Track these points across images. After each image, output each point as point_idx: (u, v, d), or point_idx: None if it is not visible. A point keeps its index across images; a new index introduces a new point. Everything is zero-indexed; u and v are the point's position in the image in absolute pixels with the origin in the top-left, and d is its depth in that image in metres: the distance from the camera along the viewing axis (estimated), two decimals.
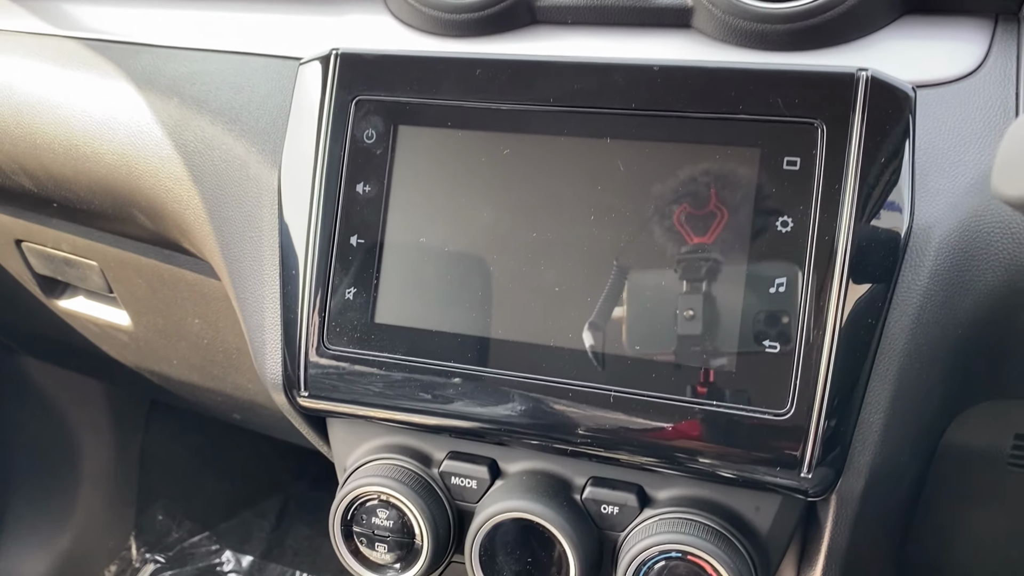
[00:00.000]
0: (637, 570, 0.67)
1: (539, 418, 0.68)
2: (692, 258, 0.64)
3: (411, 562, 0.73)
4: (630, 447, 0.66)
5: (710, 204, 0.64)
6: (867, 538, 0.69)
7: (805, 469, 0.62)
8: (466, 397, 0.70)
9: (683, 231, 0.64)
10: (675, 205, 0.64)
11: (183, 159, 0.83)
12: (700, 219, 0.64)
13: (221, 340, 1.09)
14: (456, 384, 0.70)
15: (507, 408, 0.69)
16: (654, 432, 0.65)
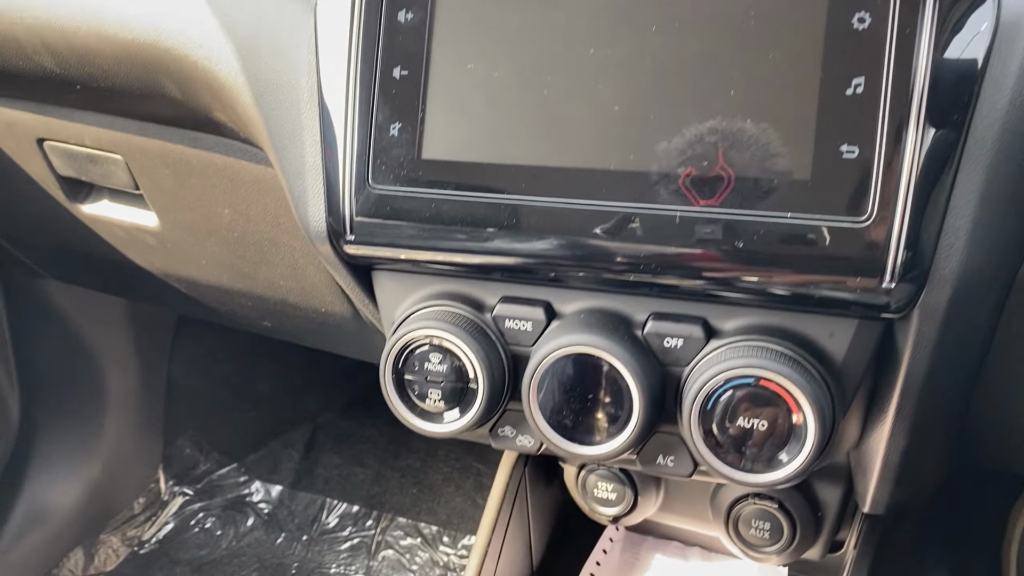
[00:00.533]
0: (705, 401, 0.64)
1: (599, 247, 0.65)
2: (763, 64, 0.60)
3: (466, 408, 0.70)
4: (698, 270, 0.63)
5: (785, 4, 0.60)
6: (947, 367, 0.66)
7: (888, 278, 0.59)
8: (521, 231, 0.66)
9: (755, 35, 0.60)
10: (746, 6, 0.60)
11: (213, 11, 0.79)
12: (774, 17, 0.60)
13: (252, 231, 1.06)
14: (510, 218, 0.66)
15: (565, 239, 0.65)
16: (725, 251, 0.62)
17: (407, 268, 0.74)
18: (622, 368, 0.65)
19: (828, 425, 0.62)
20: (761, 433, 0.63)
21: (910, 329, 0.63)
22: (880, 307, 0.61)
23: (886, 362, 0.68)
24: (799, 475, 0.63)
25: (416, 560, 1.72)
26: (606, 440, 0.67)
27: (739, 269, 0.62)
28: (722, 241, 0.62)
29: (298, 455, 1.92)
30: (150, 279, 1.30)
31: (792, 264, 0.60)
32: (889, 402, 0.70)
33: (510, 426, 0.74)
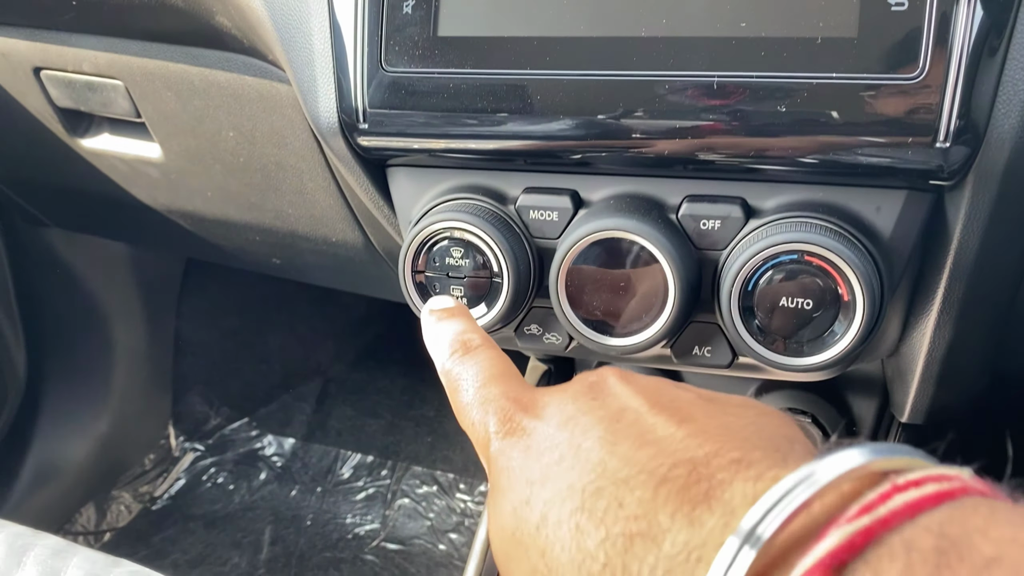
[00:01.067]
0: (745, 282, 0.60)
1: (629, 122, 0.61)
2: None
3: (491, 304, 0.67)
4: (736, 140, 0.59)
5: None
6: (999, 248, 0.62)
7: (942, 138, 0.55)
8: (545, 109, 0.62)
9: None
10: None
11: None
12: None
13: (258, 155, 1.02)
14: (534, 95, 0.62)
15: (592, 116, 0.62)
16: (766, 117, 0.58)
17: (424, 161, 0.70)
18: (656, 251, 0.61)
19: (877, 300, 0.58)
20: (806, 312, 0.59)
21: (963, 200, 0.59)
22: (932, 173, 0.57)
23: (935, 243, 0.64)
24: (847, 357, 0.59)
25: (433, 508, 1.69)
26: (640, 331, 0.64)
27: (781, 136, 0.58)
28: (763, 106, 0.58)
29: (310, 408, 1.89)
30: (154, 218, 1.27)
31: (838, 128, 0.57)
32: (936, 288, 0.66)
33: (536, 324, 0.70)
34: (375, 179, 0.73)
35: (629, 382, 0.43)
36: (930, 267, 0.66)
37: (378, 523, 1.69)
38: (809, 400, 0.93)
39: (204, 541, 1.71)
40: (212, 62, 0.95)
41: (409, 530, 1.67)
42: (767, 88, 0.57)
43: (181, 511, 1.78)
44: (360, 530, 1.68)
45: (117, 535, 1.73)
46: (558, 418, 0.42)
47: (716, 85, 0.58)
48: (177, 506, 1.79)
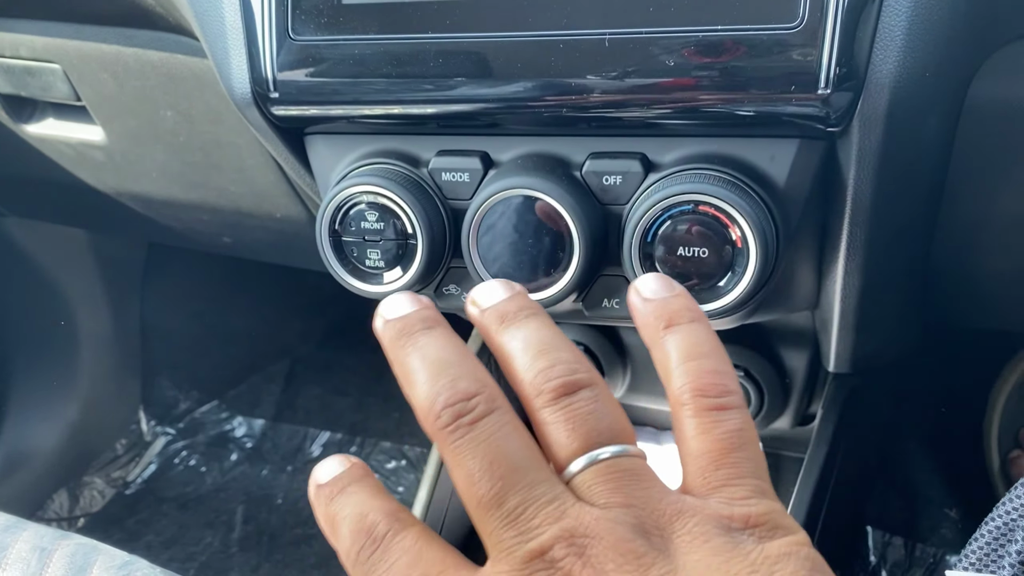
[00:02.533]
0: (644, 233, 0.62)
1: (530, 81, 0.62)
2: None
3: (406, 266, 0.69)
4: (629, 98, 0.61)
5: None
6: (894, 189, 0.64)
7: (823, 84, 0.57)
8: (449, 73, 0.64)
9: None
10: None
11: None
12: None
13: (197, 133, 1.03)
14: (436, 59, 0.64)
15: (494, 77, 0.63)
16: (654, 71, 0.59)
17: (339, 128, 0.71)
18: (560, 207, 0.63)
19: (771, 247, 0.60)
20: (702, 260, 0.61)
21: (851, 145, 0.61)
22: (816, 119, 0.59)
23: (833, 190, 0.66)
24: (742, 302, 0.62)
25: (402, 482, 1.72)
26: (550, 285, 0.66)
27: (670, 90, 0.60)
28: (652, 62, 0.59)
29: (278, 388, 1.91)
30: (105, 202, 1.28)
31: (724, 80, 0.58)
32: (839, 235, 0.68)
33: (454, 284, 0.72)
34: (293, 148, 0.75)
35: (600, 574, 0.34)
36: (832, 215, 0.68)
37: None
38: (743, 354, 0.95)
39: (177, 522, 1.73)
40: (144, 42, 0.96)
41: None
42: (655, 43, 0.59)
43: (154, 494, 1.80)
44: None
45: (91, 520, 1.75)
46: None
47: (608, 42, 0.60)
48: (150, 489, 1.81)
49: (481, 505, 0.37)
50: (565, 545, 0.35)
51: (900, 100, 0.58)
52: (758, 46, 0.57)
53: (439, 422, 0.39)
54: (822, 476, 0.85)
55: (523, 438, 0.38)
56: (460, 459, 0.38)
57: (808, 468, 0.85)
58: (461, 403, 0.39)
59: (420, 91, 0.65)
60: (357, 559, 0.38)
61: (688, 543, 0.35)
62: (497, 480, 0.37)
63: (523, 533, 0.35)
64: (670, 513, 0.36)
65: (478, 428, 0.38)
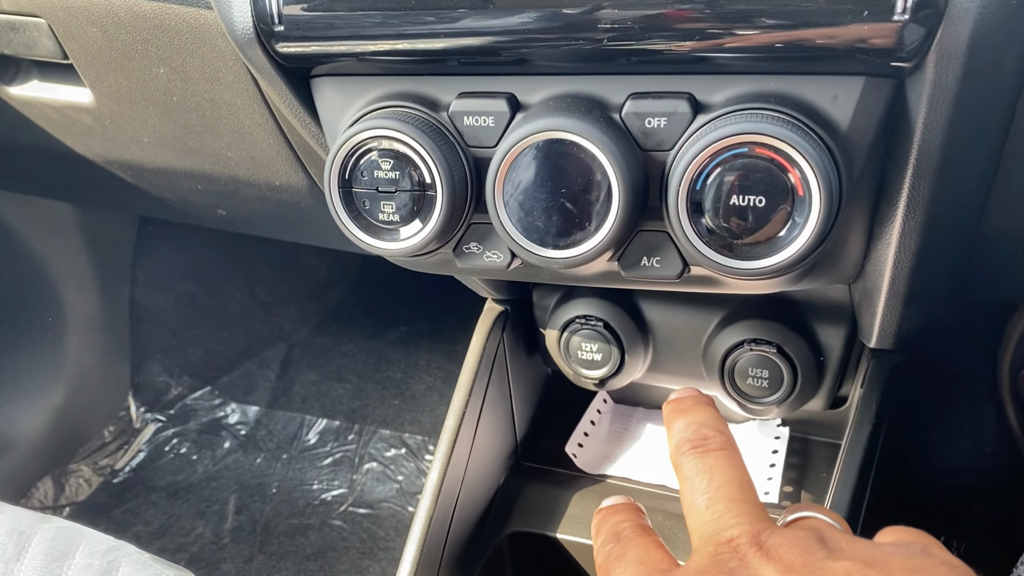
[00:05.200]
0: (693, 181, 0.56)
1: (568, 9, 0.56)
2: None
3: (424, 219, 0.62)
4: (680, 28, 0.54)
5: None
6: (963, 140, 0.58)
7: (899, 9, 0.51)
8: (471, 0, 0.57)
9: None
10: None
11: None
12: None
13: (191, 92, 0.97)
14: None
15: (522, 3, 0.57)
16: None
17: (348, 68, 0.65)
18: (598, 151, 0.57)
19: (836, 195, 0.54)
20: (759, 210, 0.55)
21: (924, 84, 0.54)
22: (890, 51, 0.52)
23: (896, 138, 0.59)
24: (803, 258, 0.55)
25: (402, 470, 1.65)
26: (584, 241, 0.59)
27: (726, 20, 0.53)
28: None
29: (274, 374, 1.84)
30: (94, 171, 1.21)
31: (786, 6, 0.52)
32: (900, 189, 0.62)
33: (476, 242, 0.65)
34: (299, 93, 0.68)
35: (771, 559, 0.41)
36: (892, 166, 0.62)
37: (345, 488, 1.65)
38: (775, 330, 0.89)
39: (167, 512, 1.67)
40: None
41: (377, 494, 1.62)
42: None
43: (143, 483, 1.73)
44: (327, 496, 1.64)
45: (76, 509, 1.68)
46: None
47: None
48: (139, 478, 1.74)
49: (693, 508, 0.46)
50: (748, 537, 0.43)
51: (984, 30, 0.51)
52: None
53: (680, 450, 0.49)
54: (864, 461, 0.79)
55: (743, 471, 0.47)
56: (687, 473, 0.48)
57: (851, 451, 0.79)
58: (700, 439, 0.49)
59: (437, 23, 0.59)
60: (602, 549, 0.49)
61: (857, 546, 0.42)
62: (711, 489, 0.46)
63: (719, 528, 0.44)
64: (850, 536, 0.43)
65: (709, 455, 0.48)
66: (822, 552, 0.41)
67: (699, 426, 0.51)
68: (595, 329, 0.95)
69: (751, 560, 0.41)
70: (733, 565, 0.41)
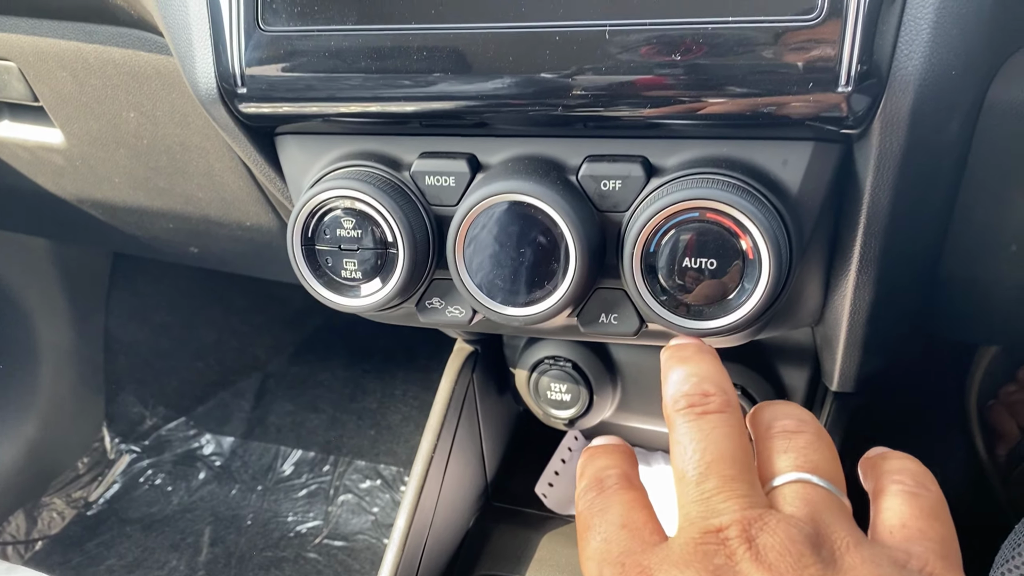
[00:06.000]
0: (647, 242, 0.57)
1: (524, 76, 0.57)
2: None
3: (386, 277, 0.63)
4: (633, 93, 0.56)
5: None
6: (910, 200, 0.59)
7: (843, 82, 0.52)
8: (435, 67, 0.59)
9: None
10: None
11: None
12: None
13: (162, 136, 0.97)
14: (421, 51, 0.59)
15: (484, 71, 0.58)
16: (662, 67, 0.54)
17: (312, 128, 0.66)
18: (555, 213, 0.58)
19: (785, 258, 0.55)
20: (710, 273, 0.56)
21: (870, 149, 0.56)
22: (836, 120, 0.54)
23: (847, 199, 0.61)
24: (754, 319, 0.56)
25: (377, 502, 1.65)
26: (543, 299, 0.60)
27: (678, 87, 0.55)
28: (658, 56, 0.54)
29: (249, 404, 1.84)
30: (65, 209, 1.21)
31: (737, 76, 0.54)
32: (852, 246, 0.63)
33: (438, 297, 0.66)
34: (263, 150, 0.69)
35: (761, 564, 0.38)
36: (844, 225, 0.63)
37: (320, 520, 1.64)
38: (740, 372, 0.90)
39: (141, 545, 1.66)
40: (106, 38, 0.90)
41: (352, 526, 1.62)
42: (662, 36, 0.54)
43: (117, 515, 1.72)
44: (302, 528, 1.64)
45: (49, 543, 1.67)
46: None
47: (608, 35, 0.55)
48: (113, 510, 1.73)
49: (683, 480, 0.43)
50: (739, 530, 0.39)
51: (925, 100, 0.53)
52: (772, 40, 0.52)
53: (676, 406, 0.46)
54: None
55: (741, 441, 0.44)
56: (679, 437, 0.45)
57: None
58: (699, 396, 0.46)
59: (401, 87, 0.60)
60: (584, 497, 0.47)
61: (857, 566, 0.39)
62: (703, 463, 0.43)
63: (709, 512, 0.41)
64: (849, 541, 0.40)
65: (705, 419, 0.45)
66: (816, 565, 0.38)
67: (700, 380, 0.47)
68: (564, 370, 0.96)
69: (739, 562, 0.39)
70: (719, 562, 0.39)
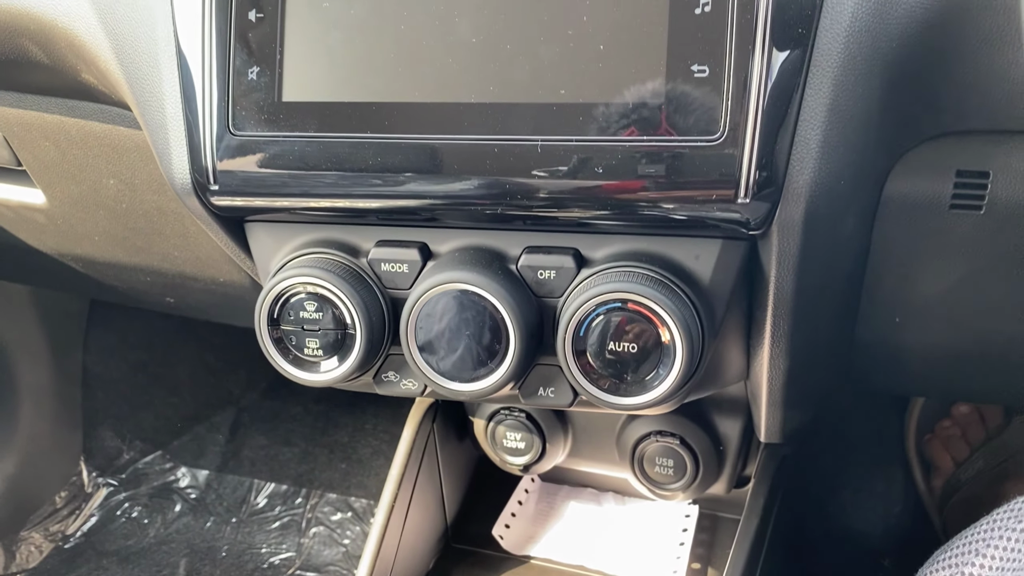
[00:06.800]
0: (578, 327, 0.64)
1: (466, 182, 0.64)
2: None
3: (344, 356, 0.70)
4: (562, 198, 0.63)
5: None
6: (814, 283, 0.67)
7: (743, 194, 0.60)
8: (386, 170, 0.66)
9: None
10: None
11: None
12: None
13: (140, 201, 1.03)
14: (376, 157, 0.66)
15: (431, 177, 0.65)
16: (587, 177, 0.62)
17: (279, 217, 0.72)
18: (497, 302, 0.65)
19: (696, 344, 0.63)
20: (632, 356, 0.63)
21: (772, 247, 0.64)
22: (739, 224, 0.61)
23: (757, 283, 0.69)
24: (670, 395, 0.64)
25: (347, 534, 1.71)
26: (487, 376, 0.67)
27: (600, 196, 0.62)
28: (583, 168, 0.62)
29: (223, 438, 1.89)
30: (46, 260, 1.27)
31: (651, 186, 0.61)
32: (764, 323, 0.71)
33: (393, 371, 0.73)
34: (234, 234, 0.76)
35: None
36: (756, 304, 0.71)
37: (293, 551, 1.70)
38: (679, 422, 0.97)
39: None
40: (88, 114, 0.96)
41: (324, 557, 1.68)
42: (584, 151, 0.61)
43: (95, 548, 1.76)
44: (275, 559, 1.69)
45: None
46: None
47: (540, 148, 0.62)
48: (90, 543, 1.78)
49: None
50: None
51: (818, 207, 0.61)
52: (682, 157, 0.60)
53: None
54: (754, 545, 0.87)
55: None
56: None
57: (740, 539, 0.88)
58: None
59: (359, 188, 0.67)
60: None
61: None
62: None
63: None
64: None
65: None
66: None
67: None
68: (519, 420, 1.03)
69: None
70: None
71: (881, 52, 0.60)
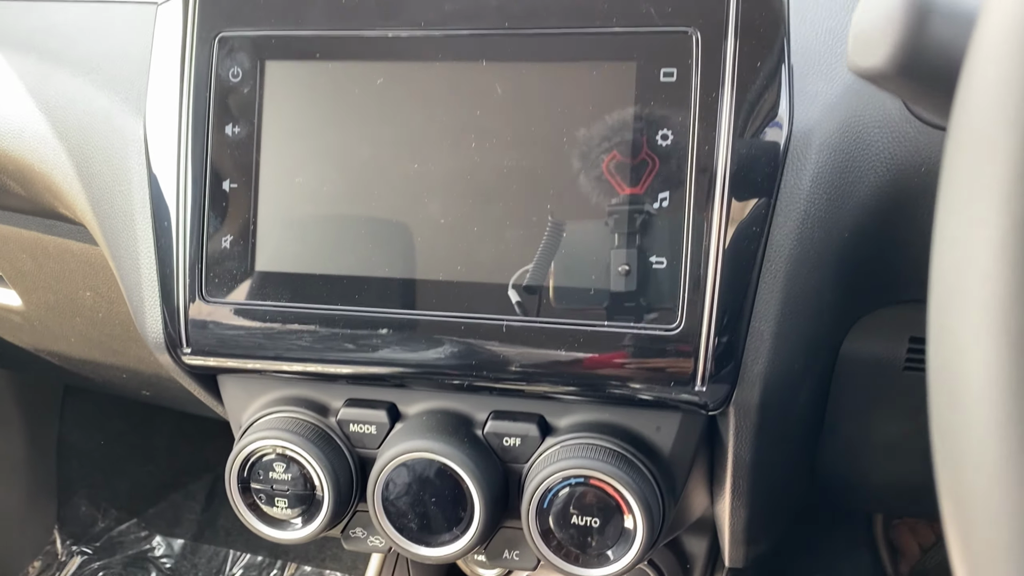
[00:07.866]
0: (542, 499, 0.66)
1: (431, 355, 0.66)
2: (578, 181, 0.62)
3: (313, 515, 0.71)
4: (526, 375, 0.65)
5: (593, 122, 0.62)
6: (772, 450, 0.69)
7: (699, 383, 0.62)
8: (356, 340, 0.67)
9: (567, 152, 0.62)
10: (558, 125, 0.62)
11: (45, 115, 0.78)
12: (584, 137, 0.62)
13: (116, 312, 1.04)
14: (344, 328, 0.67)
15: (398, 348, 0.67)
16: (549, 358, 0.64)
17: (250, 375, 0.74)
18: (462, 472, 0.66)
19: (656, 523, 0.64)
20: (594, 530, 0.65)
21: (729, 423, 0.66)
22: (697, 406, 0.63)
23: (717, 449, 0.71)
24: (631, 566, 0.66)
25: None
26: (452, 542, 0.69)
27: (564, 373, 0.64)
28: (548, 349, 0.63)
29: (199, 507, 1.89)
30: (22, 354, 1.27)
31: (612, 368, 0.63)
32: (724, 479, 0.73)
33: (361, 527, 0.75)
34: (206, 386, 0.77)
35: None
36: (718, 463, 0.73)
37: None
38: None
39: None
40: (65, 232, 0.98)
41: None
42: (551, 333, 0.63)
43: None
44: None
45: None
46: None
47: (505, 328, 0.64)
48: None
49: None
50: None
51: (771, 391, 0.63)
52: (642, 344, 0.62)
53: None
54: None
55: None
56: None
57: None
58: None
59: (329, 355, 0.68)
60: None
61: None
62: None
63: None
64: None
65: None
66: None
67: None
68: None
69: None
70: None
71: (834, 243, 0.62)
